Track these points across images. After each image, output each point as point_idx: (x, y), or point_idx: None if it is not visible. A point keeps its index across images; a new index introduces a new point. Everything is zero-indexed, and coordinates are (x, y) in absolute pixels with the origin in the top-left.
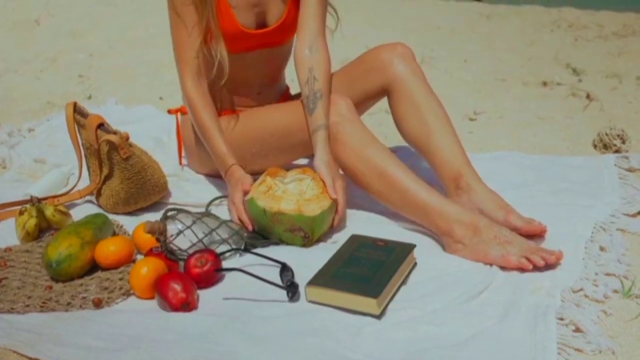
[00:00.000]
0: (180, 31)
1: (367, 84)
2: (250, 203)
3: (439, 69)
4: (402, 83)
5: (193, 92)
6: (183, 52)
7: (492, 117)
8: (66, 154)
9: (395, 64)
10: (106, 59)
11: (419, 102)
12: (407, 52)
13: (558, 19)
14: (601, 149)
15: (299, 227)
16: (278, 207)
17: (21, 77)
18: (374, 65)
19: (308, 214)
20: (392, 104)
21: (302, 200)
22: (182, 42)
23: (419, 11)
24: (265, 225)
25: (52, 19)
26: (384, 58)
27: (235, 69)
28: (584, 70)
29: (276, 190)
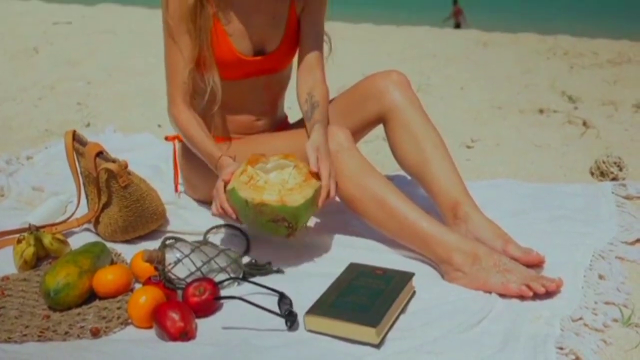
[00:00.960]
0: (174, 56)
1: (363, 112)
2: (232, 194)
3: (435, 96)
4: (398, 111)
5: (183, 111)
6: (175, 76)
7: (489, 144)
8: (64, 182)
9: (391, 91)
10: (104, 87)
11: (415, 130)
12: (402, 79)
13: (554, 47)
14: (598, 177)
15: (282, 218)
16: (260, 198)
17: (20, 105)
18: (370, 93)
19: (291, 204)
20: (388, 132)
21: (284, 190)
22: (175, 66)
23: (415, 39)
24: (247, 215)
25: (50, 48)
26: (380, 86)
27: (232, 96)
28: (580, 97)
29: (258, 181)
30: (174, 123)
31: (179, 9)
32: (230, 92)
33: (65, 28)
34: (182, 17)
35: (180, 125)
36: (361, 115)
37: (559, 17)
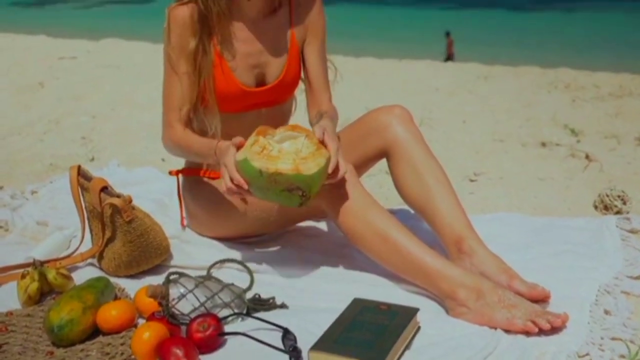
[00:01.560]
0: (173, 84)
1: (366, 146)
2: (245, 164)
3: (437, 130)
4: (401, 145)
5: (179, 130)
6: (172, 102)
7: (492, 178)
8: (69, 216)
9: (393, 126)
10: (109, 122)
11: (418, 164)
12: (405, 114)
13: (555, 80)
14: (602, 210)
15: (297, 187)
16: (275, 167)
17: (25, 140)
18: (373, 128)
19: (305, 172)
20: (391, 166)
21: (298, 159)
22: (172, 96)
23: (417, 72)
24: (261, 186)
25: (56, 82)
26: (383, 120)
27: (234, 130)
28: (582, 130)
29: (271, 150)
30: (171, 143)
31: (178, 48)
32: (231, 125)
33: (70, 63)
34: (182, 57)
35: (178, 140)
36: (364, 149)
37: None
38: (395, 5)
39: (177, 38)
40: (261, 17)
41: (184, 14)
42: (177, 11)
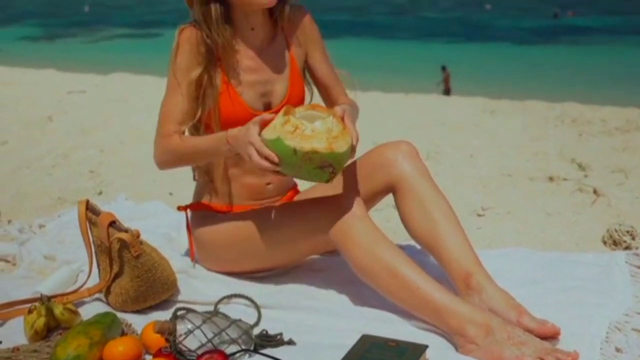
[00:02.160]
0: (175, 97)
1: (373, 182)
2: (278, 143)
3: (444, 164)
4: (408, 181)
5: (175, 136)
6: (171, 116)
7: (500, 212)
8: (76, 250)
9: (400, 162)
10: (117, 155)
11: (425, 200)
12: (411, 149)
13: (561, 114)
14: (611, 246)
15: (329, 164)
16: (310, 146)
17: (33, 174)
18: (379, 163)
19: (338, 150)
20: (398, 202)
21: (331, 138)
22: (173, 108)
23: (424, 107)
24: (293, 164)
25: (65, 116)
26: (389, 156)
27: (243, 159)
28: (590, 165)
29: (304, 130)
30: (168, 153)
31: (184, 68)
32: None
33: (79, 97)
34: (187, 78)
35: (176, 147)
36: (371, 185)
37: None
38: (401, 39)
39: (184, 59)
40: (265, 45)
41: (193, 36)
42: (186, 32)
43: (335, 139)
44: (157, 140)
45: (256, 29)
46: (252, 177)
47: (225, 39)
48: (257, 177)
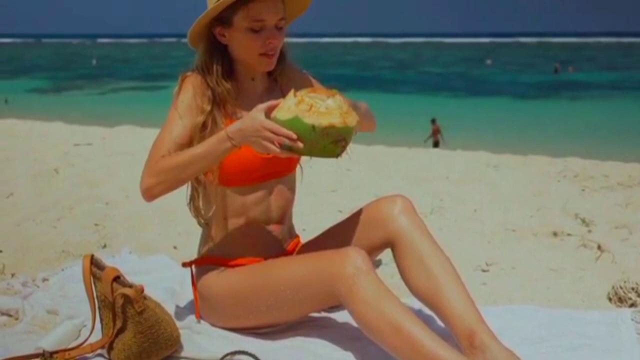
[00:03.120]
0: (175, 124)
1: (370, 237)
2: (295, 122)
3: (448, 219)
4: (406, 237)
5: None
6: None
7: (505, 268)
8: (79, 305)
9: (396, 217)
10: (122, 208)
11: (425, 256)
12: (407, 204)
13: (564, 169)
14: (616, 303)
15: (343, 137)
16: (328, 121)
17: (39, 226)
18: (376, 219)
19: (350, 124)
20: (397, 258)
21: (343, 113)
22: (174, 131)
23: (427, 161)
24: (311, 140)
25: (71, 169)
26: (385, 212)
27: (247, 207)
28: (593, 220)
29: (319, 107)
30: (162, 173)
31: (186, 107)
32: (241, 201)
33: (85, 149)
34: (189, 116)
35: (171, 163)
36: (369, 240)
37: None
38: (404, 93)
39: (188, 97)
40: (265, 93)
41: (197, 80)
42: (190, 78)
43: (346, 114)
44: (146, 168)
45: (256, 79)
46: (253, 227)
47: (227, 90)
48: (258, 225)
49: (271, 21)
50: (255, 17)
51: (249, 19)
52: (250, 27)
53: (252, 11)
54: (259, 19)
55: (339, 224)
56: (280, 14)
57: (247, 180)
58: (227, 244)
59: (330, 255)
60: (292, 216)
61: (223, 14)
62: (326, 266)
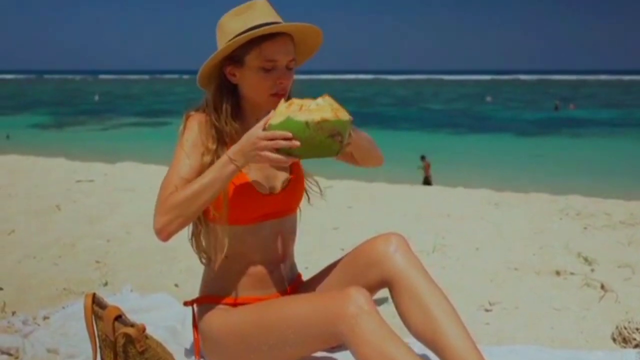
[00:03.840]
0: (182, 161)
1: (366, 278)
2: (289, 122)
3: (450, 257)
4: (402, 277)
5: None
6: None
7: (508, 307)
8: (80, 343)
9: (391, 256)
10: (123, 245)
11: (423, 296)
12: (402, 242)
13: (565, 207)
14: (620, 343)
15: (338, 132)
16: (320, 116)
17: (40, 263)
18: (372, 260)
19: (343, 117)
20: (394, 298)
21: (334, 109)
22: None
23: (429, 198)
24: (307, 137)
25: (73, 205)
26: (380, 251)
27: (248, 246)
28: (596, 259)
29: (309, 106)
30: (168, 207)
31: (192, 144)
32: (244, 240)
33: (87, 185)
34: (196, 153)
35: (181, 196)
36: (365, 281)
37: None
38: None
39: (194, 135)
40: None
41: (203, 119)
42: (196, 116)
43: (338, 110)
44: (157, 208)
45: (260, 119)
46: (255, 267)
47: (235, 129)
48: (261, 265)
49: (283, 61)
50: (267, 57)
51: (261, 58)
52: (262, 67)
53: (265, 51)
54: (272, 59)
55: (334, 264)
56: (291, 55)
57: (249, 220)
58: (229, 283)
59: (332, 295)
60: (293, 255)
61: (235, 53)
62: (328, 306)
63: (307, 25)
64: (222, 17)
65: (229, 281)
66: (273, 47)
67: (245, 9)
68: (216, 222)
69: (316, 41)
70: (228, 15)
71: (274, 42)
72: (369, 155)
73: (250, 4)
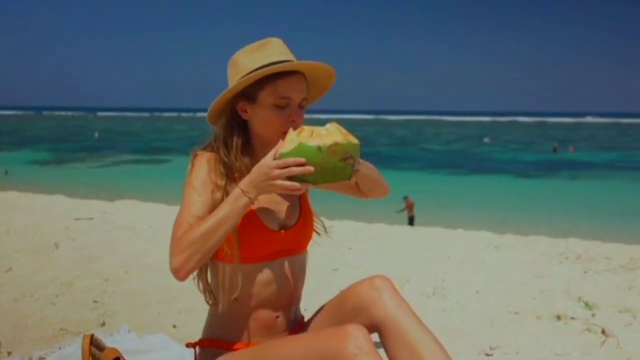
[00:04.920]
0: (194, 199)
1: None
2: (301, 148)
3: (451, 300)
4: (390, 322)
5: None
6: (191, 210)
7: (509, 352)
8: None
9: (378, 301)
10: (121, 285)
11: (412, 340)
12: (388, 285)
13: (566, 251)
14: None
15: (350, 155)
16: (331, 140)
17: (37, 302)
18: (359, 305)
19: (353, 141)
20: (384, 343)
21: (343, 133)
22: (195, 205)
23: (429, 240)
24: (320, 162)
25: (71, 243)
26: (366, 296)
27: (257, 286)
28: (597, 304)
29: (320, 131)
30: (184, 245)
31: (202, 183)
32: (252, 280)
33: (86, 224)
34: (206, 191)
35: (193, 232)
36: None
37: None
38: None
39: (203, 173)
40: None
41: (212, 158)
42: (203, 155)
43: (347, 134)
44: (172, 247)
45: None
46: (262, 310)
47: (244, 165)
48: (267, 309)
49: (296, 99)
50: (282, 94)
51: (275, 95)
52: (276, 104)
53: (280, 88)
54: (286, 97)
55: (322, 309)
56: (304, 93)
57: (260, 257)
58: (235, 327)
59: (332, 333)
60: (300, 298)
61: (249, 89)
62: (327, 345)
63: (321, 65)
64: (236, 54)
65: (235, 325)
66: (287, 84)
67: (260, 46)
68: (226, 261)
69: (329, 81)
70: (242, 52)
71: (288, 80)
72: (375, 184)
73: (264, 41)
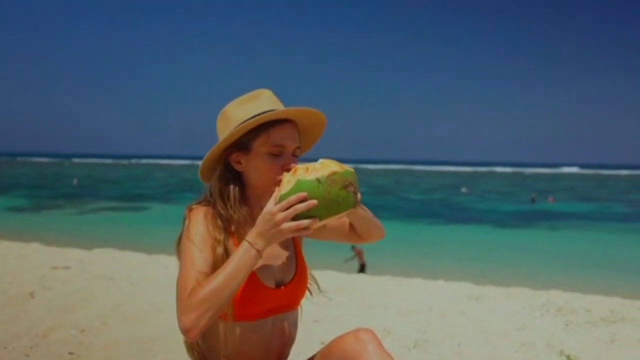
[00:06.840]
0: (196, 256)
1: None
2: (299, 184)
3: (432, 353)
4: None
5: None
6: (194, 267)
7: None
8: None
9: (363, 354)
10: (98, 336)
11: None
12: (372, 338)
13: (547, 303)
14: None
15: (350, 182)
16: (328, 170)
17: (9, 354)
18: (344, 358)
19: (349, 169)
20: None
21: (338, 164)
22: (197, 262)
23: (410, 291)
24: (322, 194)
25: (47, 292)
26: (351, 349)
27: (247, 344)
28: (579, 357)
29: (315, 166)
30: (195, 303)
31: (201, 239)
32: (242, 338)
33: (63, 273)
34: (207, 246)
35: (203, 289)
36: None
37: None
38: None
39: (201, 228)
40: None
41: (207, 212)
42: (199, 210)
43: (341, 164)
44: (181, 306)
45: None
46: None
47: (242, 216)
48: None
49: (290, 147)
50: (276, 142)
51: (269, 144)
52: (271, 152)
53: (273, 136)
54: (280, 144)
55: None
56: (297, 141)
57: (254, 315)
58: None
59: None
60: (289, 354)
61: (242, 139)
62: None
63: (314, 111)
64: (227, 106)
65: None
66: (281, 132)
67: (251, 97)
68: (219, 318)
69: (320, 130)
70: (233, 103)
71: (281, 128)
72: (371, 225)
73: (255, 93)
